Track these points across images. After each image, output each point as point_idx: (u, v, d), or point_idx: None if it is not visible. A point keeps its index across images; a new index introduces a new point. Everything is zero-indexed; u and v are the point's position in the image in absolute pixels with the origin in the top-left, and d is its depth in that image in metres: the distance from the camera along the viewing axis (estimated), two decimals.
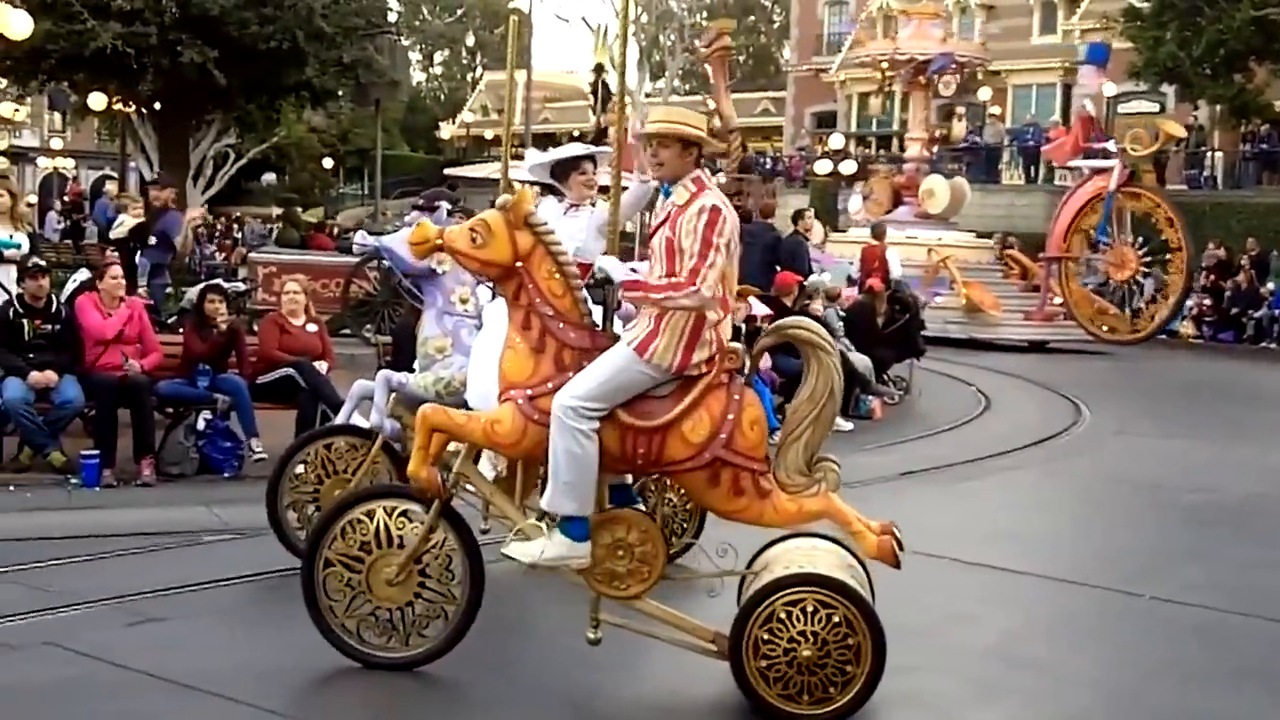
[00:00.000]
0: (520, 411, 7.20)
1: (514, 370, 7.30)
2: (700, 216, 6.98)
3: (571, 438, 7.01)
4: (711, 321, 7.12)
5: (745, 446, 7.13)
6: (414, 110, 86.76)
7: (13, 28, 20.23)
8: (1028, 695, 8.00)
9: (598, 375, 7.06)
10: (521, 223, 7.28)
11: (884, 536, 7.22)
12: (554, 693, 7.64)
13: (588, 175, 9.63)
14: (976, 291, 33.00)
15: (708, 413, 7.11)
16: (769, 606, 7.07)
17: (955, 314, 32.45)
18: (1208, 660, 8.78)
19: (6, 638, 8.13)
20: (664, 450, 7.15)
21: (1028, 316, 33.79)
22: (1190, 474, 15.58)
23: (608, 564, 7.32)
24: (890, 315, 20.42)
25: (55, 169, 63.45)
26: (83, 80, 34.30)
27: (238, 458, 13.30)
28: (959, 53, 36.82)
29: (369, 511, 7.66)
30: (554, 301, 7.28)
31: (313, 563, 7.70)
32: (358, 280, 21.59)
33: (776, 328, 7.54)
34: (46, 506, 11.79)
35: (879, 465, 14.87)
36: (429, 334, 9.97)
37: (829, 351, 7.31)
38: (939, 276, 33.19)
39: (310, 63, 32.29)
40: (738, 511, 7.27)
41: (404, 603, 7.66)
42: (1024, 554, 11.42)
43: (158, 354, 13.41)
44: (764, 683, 7.08)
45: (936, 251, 33.84)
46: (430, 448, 7.37)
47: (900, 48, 36.83)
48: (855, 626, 7.02)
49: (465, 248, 7.30)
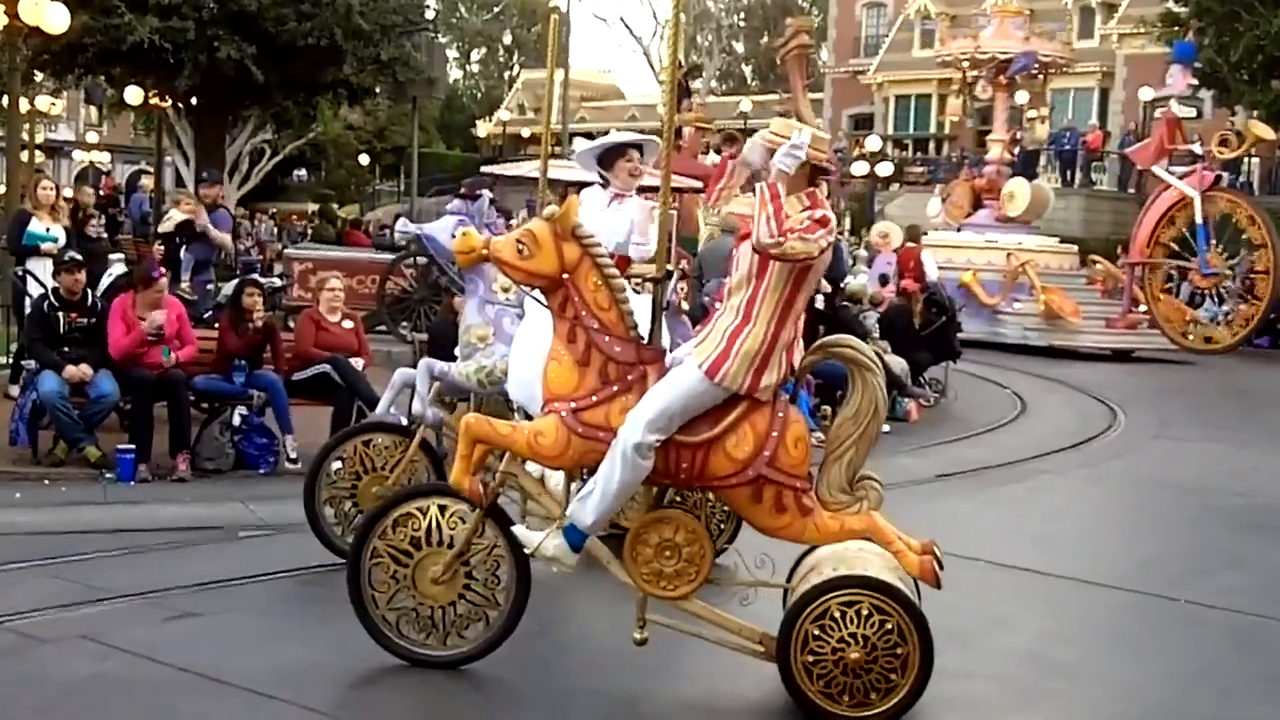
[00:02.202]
0: (564, 424, 7.16)
1: (559, 382, 7.26)
2: (814, 214, 6.89)
3: (632, 471, 7.02)
4: (783, 344, 7.08)
5: (789, 464, 7.11)
6: (451, 108, 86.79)
7: (50, 21, 20.24)
8: (1063, 700, 7.95)
9: (666, 402, 7.02)
10: (569, 234, 7.21)
11: (925, 556, 7.19)
12: (596, 694, 7.61)
13: (634, 163, 9.49)
14: (1056, 298, 31.87)
15: (752, 429, 7.08)
16: (824, 604, 7.04)
17: (1034, 321, 31.77)
18: (1246, 666, 8.73)
19: (42, 632, 8.13)
20: (707, 466, 7.13)
21: (1110, 324, 32.64)
22: (1230, 478, 15.49)
23: (655, 564, 7.30)
24: (927, 318, 20.35)
25: (90, 163, 63.67)
26: (119, 74, 34.32)
27: (273, 454, 13.31)
28: (1042, 51, 35.36)
29: (423, 507, 7.65)
30: (600, 314, 7.22)
31: (361, 550, 7.69)
32: (394, 277, 21.58)
33: (822, 345, 7.50)
34: (82, 501, 11.82)
35: (915, 468, 14.82)
36: (471, 322, 9.96)
37: (874, 371, 7.27)
38: (1018, 282, 32.42)
39: (348, 60, 32.29)
40: (780, 528, 7.24)
41: (447, 602, 7.64)
42: (1060, 557, 11.35)
43: (193, 346, 13.42)
44: (808, 679, 7.04)
45: (1016, 256, 32.84)
46: (473, 457, 7.36)
47: (982, 46, 35.61)
48: (906, 637, 7.00)
49: (511, 259, 7.23)
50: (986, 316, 31.74)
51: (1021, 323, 31.39)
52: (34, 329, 13.09)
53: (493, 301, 9.94)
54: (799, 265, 6.89)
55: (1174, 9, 42.56)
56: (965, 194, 35.77)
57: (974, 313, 31.59)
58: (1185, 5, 41.24)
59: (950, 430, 18.30)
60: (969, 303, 31.70)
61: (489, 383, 9.72)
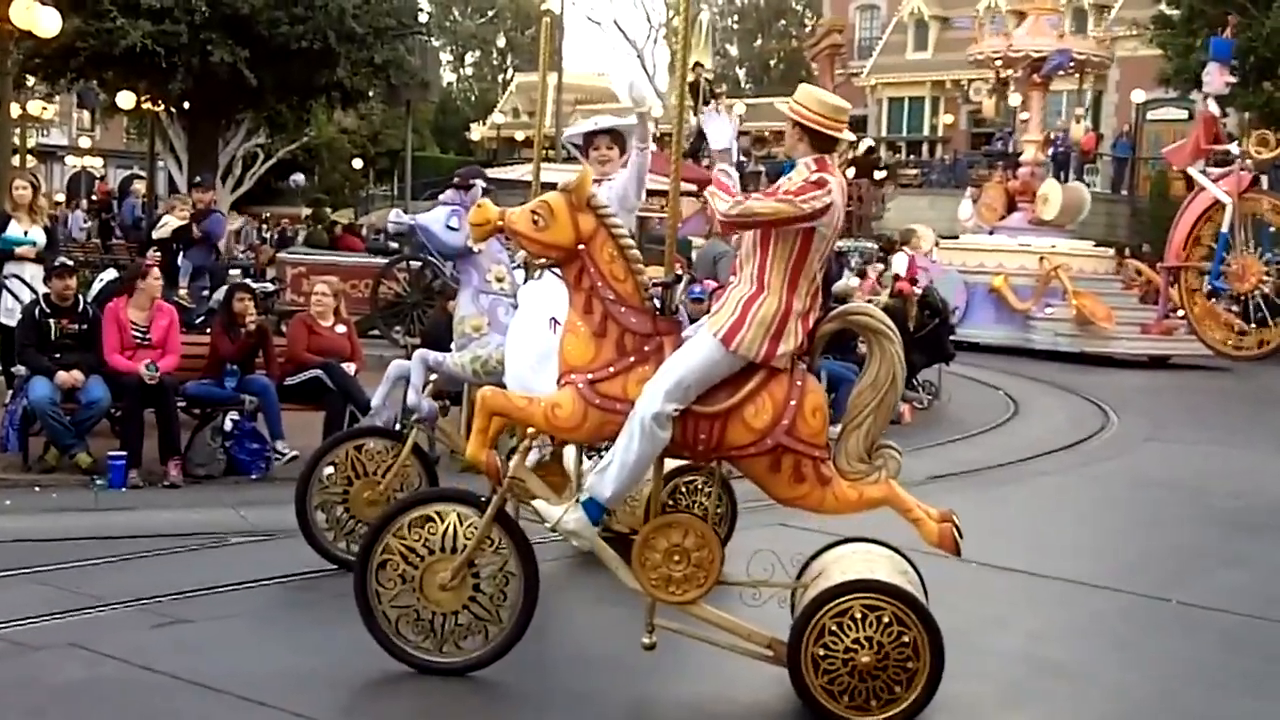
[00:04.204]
0: (581, 396, 7.16)
1: (575, 354, 7.26)
2: (809, 175, 6.99)
3: (650, 441, 7.02)
4: (798, 312, 7.08)
5: (807, 433, 7.11)
6: (445, 111, 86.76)
7: (42, 25, 20.18)
8: (1056, 700, 7.97)
9: (684, 372, 7.03)
10: (584, 205, 7.23)
11: (944, 524, 7.21)
12: (599, 698, 7.60)
13: (600, 151, 9.49)
14: (1088, 302, 31.03)
15: (770, 398, 7.09)
16: (844, 604, 7.01)
17: (1066, 326, 31.08)
18: (1236, 665, 8.75)
19: (33, 639, 8.11)
20: (725, 436, 7.13)
21: (1145, 329, 31.69)
22: (1223, 479, 15.53)
23: (664, 569, 7.29)
24: (921, 320, 20.36)
25: (83, 168, 63.63)
26: (112, 79, 34.25)
27: (265, 459, 13.28)
28: (1076, 49, 34.77)
29: (443, 512, 7.61)
30: (616, 285, 7.24)
31: (374, 543, 7.64)
32: (387, 281, 21.58)
33: (840, 313, 7.51)
34: (73, 507, 11.81)
35: (908, 469, 14.48)
36: (465, 313, 9.96)
37: (892, 339, 7.29)
38: (1050, 287, 31.62)
39: (341, 63, 32.25)
40: (799, 498, 7.25)
41: (451, 610, 7.61)
42: (1052, 558, 11.38)
43: (175, 355, 13.32)
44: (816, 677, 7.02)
45: (1048, 260, 31.98)
46: (489, 431, 7.34)
47: (1015, 44, 34.58)
48: (919, 653, 6.99)
49: (527, 230, 7.24)
50: (1018, 322, 31.41)
51: (1053, 328, 30.87)
52: (25, 335, 13.04)
53: (487, 291, 9.97)
54: (800, 228, 6.94)
55: (1166, 11, 42.58)
56: (999, 196, 35.08)
57: (1004, 318, 31.58)
58: (1178, 7, 41.25)
59: (943, 432, 18.31)
60: (999, 308, 31.71)
61: (484, 373, 9.72)
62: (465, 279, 10.06)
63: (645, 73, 78.55)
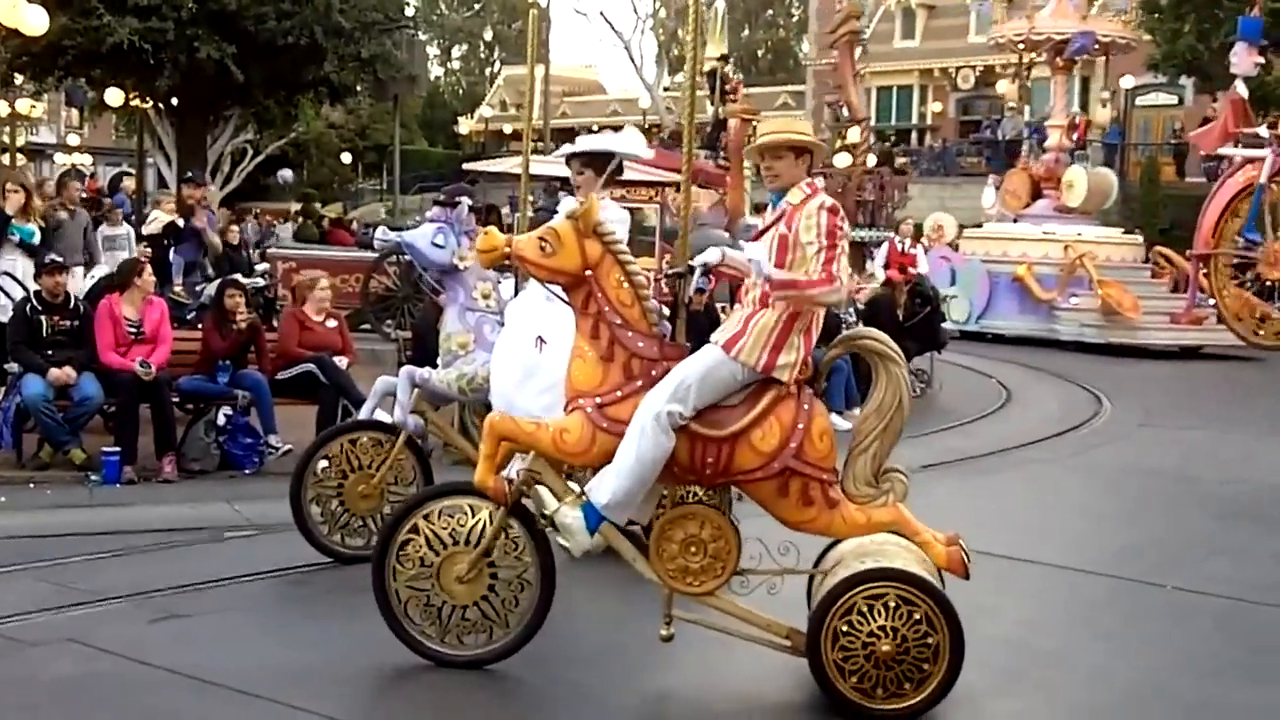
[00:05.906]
0: (589, 420, 7.18)
1: (583, 379, 7.28)
2: (821, 212, 7.04)
3: (653, 442, 7.00)
4: (800, 326, 7.13)
5: (815, 456, 7.13)
6: (433, 105, 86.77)
7: (29, 23, 20.19)
8: (1049, 686, 7.98)
9: (688, 376, 7.05)
10: (591, 231, 7.26)
11: (952, 548, 7.23)
12: (603, 691, 7.59)
13: (573, 175, 9.46)
14: (1114, 292, 30.39)
15: (778, 422, 7.10)
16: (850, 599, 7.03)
17: (1092, 317, 30.52)
18: (1231, 651, 8.75)
19: (29, 634, 8.12)
20: (733, 460, 7.13)
21: (1174, 319, 30.84)
22: (1216, 466, 15.54)
23: (681, 560, 7.29)
24: (911, 308, 20.37)
25: (72, 165, 63.53)
26: (100, 76, 34.32)
27: (259, 454, 13.30)
28: (1101, 31, 33.96)
29: (475, 507, 7.58)
30: (623, 310, 7.26)
31: (401, 520, 7.65)
32: (378, 275, 21.57)
33: (846, 338, 7.60)
34: (68, 504, 11.81)
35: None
36: (451, 330, 9.97)
37: (898, 363, 7.32)
38: (1075, 276, 31.12)
39: (328, 58, 32.30)
40: (806, 522, 7.25)
41: (461, 604, 7.59)
42: (1045, 545, 11.40)
43: (166, 346, 13.27)
44: (840, 676, 7.03)
45: (1073, 248, 31.48)
46: (497, 456, 7.35)
47: (1037, 27, 33.94)
48: (936, 626, 7.00)
49: (534, 256, 7.26)
50: (1043, 313, 31.05)
51: (1078, 319, 30.59)
52: (17, 332, 13.04)
53: (473, 309, 9.98)
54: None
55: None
56: (1023, 183, 34.53)
57: (1029, 309, 31.24)
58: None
59: (936, 420, 18.28)
60: (1023, 299, 31.34)
61: (470, 390, 9.77)
62: (452, 296, 10.07)
63: (633, 63, 78.30)
